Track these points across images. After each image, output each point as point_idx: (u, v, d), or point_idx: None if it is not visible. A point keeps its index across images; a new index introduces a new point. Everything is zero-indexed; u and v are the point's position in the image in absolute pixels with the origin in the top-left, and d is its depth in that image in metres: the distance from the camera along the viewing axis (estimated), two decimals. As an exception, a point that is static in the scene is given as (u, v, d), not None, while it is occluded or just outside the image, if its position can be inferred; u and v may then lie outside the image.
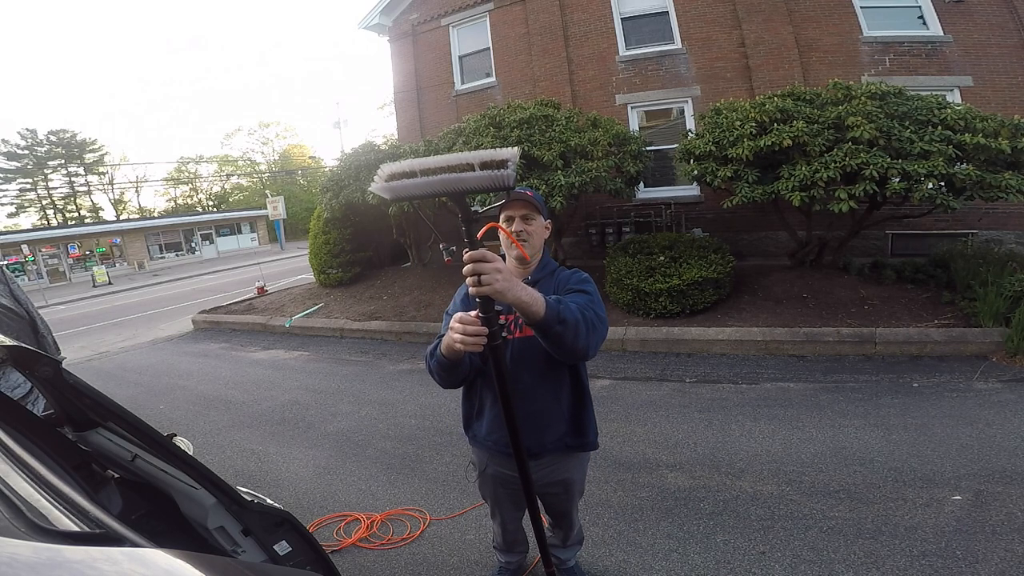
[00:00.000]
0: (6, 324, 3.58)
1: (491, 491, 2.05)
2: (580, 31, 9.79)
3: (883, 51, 8.04)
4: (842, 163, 5.23)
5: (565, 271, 1.86)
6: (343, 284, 9.92)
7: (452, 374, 1.66)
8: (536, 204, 1.78)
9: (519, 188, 1.79)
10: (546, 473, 1.90)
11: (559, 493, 2.00)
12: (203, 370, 6.83)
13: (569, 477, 1.97)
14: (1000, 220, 7.53)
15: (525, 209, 1.78)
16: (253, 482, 3.61)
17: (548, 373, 1.76)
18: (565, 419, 1.84)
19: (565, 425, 1.84)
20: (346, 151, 13.57)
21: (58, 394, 1.47)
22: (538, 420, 1.79)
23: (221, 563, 0.83)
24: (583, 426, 1.87)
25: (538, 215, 1.80)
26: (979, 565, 2.28)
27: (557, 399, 1.81)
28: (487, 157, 1.07)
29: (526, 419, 1.70)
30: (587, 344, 1.49)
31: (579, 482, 2.03)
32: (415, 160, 1.08)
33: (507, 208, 1.79)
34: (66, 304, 17.57)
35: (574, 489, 2.03)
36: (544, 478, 1.90)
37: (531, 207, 1.78)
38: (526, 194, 1.78)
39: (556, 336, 1.43)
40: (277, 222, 31.06)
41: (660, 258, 6.45)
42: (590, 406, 1.89)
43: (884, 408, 3.93)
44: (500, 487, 2.00)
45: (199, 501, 1.35)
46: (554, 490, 1.97)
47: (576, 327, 1.45)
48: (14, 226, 37.50)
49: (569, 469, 1.95)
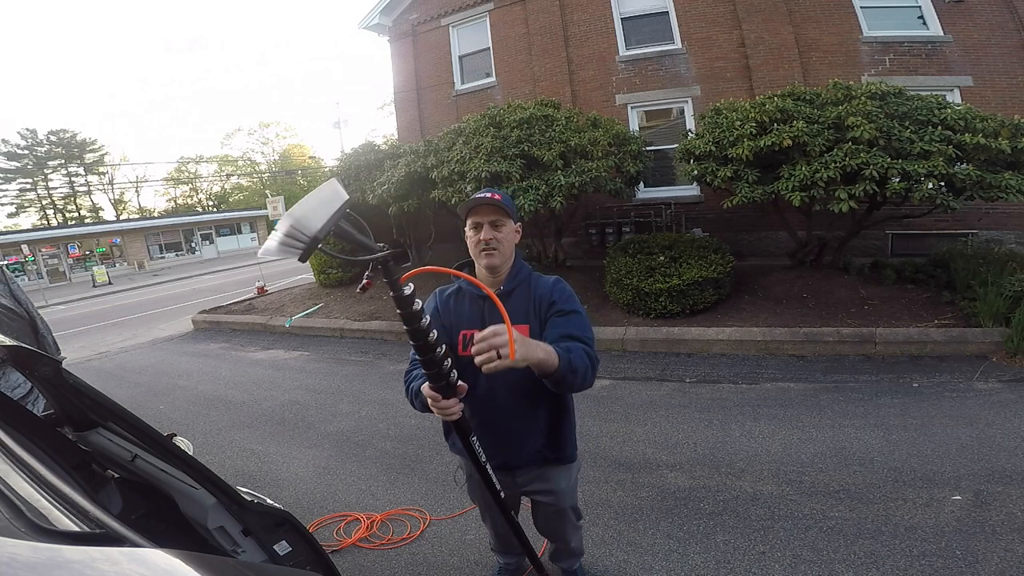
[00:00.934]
0: (6, 324, 3.58)
1: (479, 495, 1.99)
2: (580, 31, 9.79)
3: (883, 51, 8.04)
4: (842, 163, 5.23)
5: (542, 279, 1.75)
6: (343, 284, 9.92)
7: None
8: (505, 208, 1.65)
9: (484, 191, 1.69)
10: (528, 480, 1.87)
11: (549, 503, 1.94)
12: (203, 370, 6.82)
13: (555, 487, 1.90)
14: (1000, 220, 7.53)
15: (494, 214, 1.64)
16: (253, 482, 3.61)
17: (526, 391, 1.68)
18: (543, 433, 1.78)
19: (543, 439, 1.78)
20: (346, 151, 13.57)
21: (58, 394, 1.47)
22: (514, 435, 1.75)
23: (221, 563, 0.83)
24: (561, 440, 1.81)
25: (508, 219, 1.67)
26: (979, 565, 2.28)
27: (534, 415, 1.75)
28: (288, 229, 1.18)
29: (502, 435, 1.72)
30: (591, 382, 1.52)
31: (568, 494, 1.95)
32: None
33: (473, 214, 1.65)
34: (66, 304, 17.57)
35: (563, 502, 1.95)
36: (527, 485, 1.88)
37: (500, 211, 1.65)
38: (493, 198, 1.64)
39: (566, 384, 1.45)
40: (277, 222, 31.02)
41: (660, 258, 6.45)
42: (570, 420, 1.83)
43: (884, 408, 3.93)
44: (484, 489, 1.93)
45: (199, 501, 1.35)
46: (542, 498, 1.92)
47: (585, 372, 1.46)
48: (14, 226, 37.52)
49: (552, 479, 1.89)
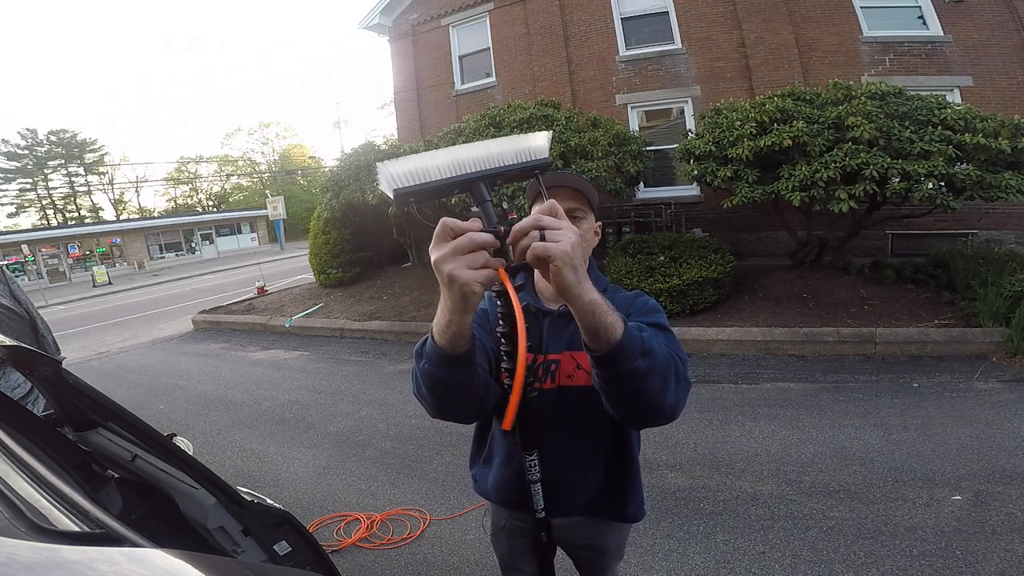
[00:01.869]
0: (6, 324, 3.57)
1: (504, 542, 1.50)
2: (580, 31, 9.79)
3: (883, 51, 8.04)
4: (842, 163, 5.23)
5: (619, 293, 1.31)
6: (343, 284, 9.92)
7: (448, 385, 0.96)
8: (588, 197, 1.25)
9: (563, 170, 1.33)
10: (573, 534, 1.41)
11: (590, 557, 1.50)
12: (203, 370, 6.82)
13: (603, 544, 1.46)
14: (1000, 220, 7.53)
15: (574, 201, 1.23)
16: (253, 482, 3.61)
17: (585, 435, 1.27)
18: (600, 486, 1.33)
19: (598, 491, 1.34)
20: (346, 151, 13.57)
21: (58, 394, 1.46)
22: (565, 485, 1.32)
23: (221, 563, 0.83)
24: (623, 499, 1.36)
25: (590, 212, 1.26)
26: (979, 565, 2.28)
27: (592, 464, 1.33)
28: (521, 145, 0.88)
29: (549, 484, 1.23)
30: (676, 400, 0.97)
31: (616, 548, 1.51)
32: (428, 155, 0.83)
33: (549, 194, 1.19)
34: (66, 304, 17.57)
35: (609, 556, 1.50)
36: (570, 538, 1.43)
37: (581, 199, 1.24)
38: (579, 178, 1.26)
39: (634, 376, 0.89)
40: (277, 222, 31.03)
41: (660, 258, 6.45)
42: (637, 479, 1.37)
43: (884, 408, 3.93)
44: (516, 537, 1.47)
45: (199, 501, 1.35)
46: (583, 553, 1.49)
47: (666, 369, 0.93)
48: (14, 226, 37.51)
49: (602, 535, 1.44)
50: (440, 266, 0.77)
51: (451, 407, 1.02)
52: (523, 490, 1.21)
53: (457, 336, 0.87)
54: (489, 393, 1.09)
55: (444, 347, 0.89)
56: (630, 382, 0.89)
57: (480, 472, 1.44)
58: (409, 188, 0.81)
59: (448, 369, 0.92)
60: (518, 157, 0.88)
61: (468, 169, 0.84)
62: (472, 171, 0.84)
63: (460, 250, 0.76)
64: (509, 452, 1.30)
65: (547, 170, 0.95)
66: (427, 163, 0.81)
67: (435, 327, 0.90)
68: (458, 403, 1.02)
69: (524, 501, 1.23)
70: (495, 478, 1.38)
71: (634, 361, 0.87)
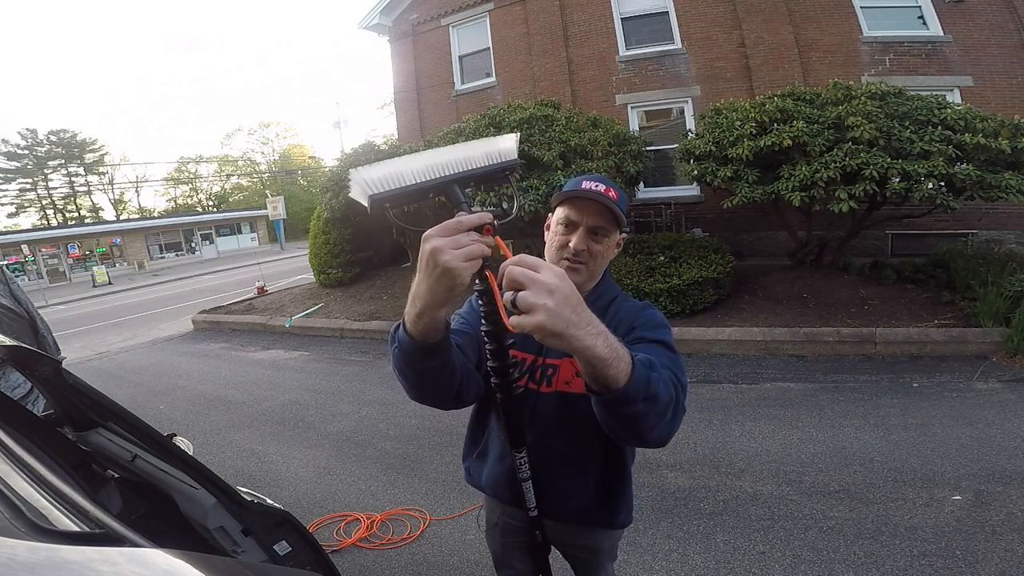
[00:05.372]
0: (6, 324, 3.57)
1: (497, 539, 1.57)
2: (580, 31, 9.80)
3: (883, 51, 8.04)
4: (842, 163, 5.23)
5: (628, 303, 1.29)
6: (343, 284, 9.92)
7: (419, 371, 0.98)
8: (617, 213, 1.18)
9: (589, 178, 1.24)
10: (564, 534, 1.46)
11: (582, 557, 1.55)
12: (203, 370, 6.82)
13: (594, 545, 1.51)
14: (1000, 220, 7.53)
15: (602, 219, 1.19)
16: (253, 482, 3.61)
17: (580, 441, 1.28)
18: (591, 492, 1.35)
19: (591, 499, 1.35)
20: (346, 151, 13.58)
21: (58, 394, 1.47)
22: (558, 489, 1.34)
23: (221, 563, 0.83)
24: (613, 507, 1.39)
25: (615, 230, 1.22)
26: (979, 565, 2.28)
27: (584, 470, 1.34)
28: (491, 148, 0.93)
29: (541, 485, 1.24)
30: (671, 430, 0.95)
31: (608, 549, 1.55)
32: (401, 160, 0.86)
33: (569, 206, 1.21)
34: (66, 304, 17.56)
35: (601, 556, 1.55)
36: (562, 537, 1.47)
37: (609, 217, 1.18)
38: (606, 192, 1.18)
39: (631, 418, 0.87)
40: (277, 222, 31.05)
41: (660, 258, 6.45)
42: (628, 487, 1.39)
43: (884, 408, 3.93)
44: (509, 535, 1.52)
45: (199, 501, 1.35)
46: (576, 553, 1.54)
47: (665, 409, 0.91)
48: (14, 226, 37.50)
49: (593, 537, 1.49)
50: (425, 243, 0.80)
51: (428, 391, 1.05)
52: (515, 487, 1.22)
53: (428, 328, 0.90)
54: (470, 383, 1.10)
55: (415, 335, 0.92)
56: (627, 420, 0.88)
57: (474, 465, 1.47)
58: (384, 193, 0.84)
59: (417, 356, 0.94)
60: (488, 159, 0.93)
61: (441, 173, 0.88)
62: (445, 174, 0.88)
63: (447, 230, 0.80)
64: (504, 449, 1.31)
65: (516, 171, 0.98)
66: (400, 168, 0.85)
67: (406, 316, 0.91)
68: (433, 388, 1.04)
69: (516, 498, 1.25)
70: (489, 473, 1.41)
71: (635, 406, 0.85)
